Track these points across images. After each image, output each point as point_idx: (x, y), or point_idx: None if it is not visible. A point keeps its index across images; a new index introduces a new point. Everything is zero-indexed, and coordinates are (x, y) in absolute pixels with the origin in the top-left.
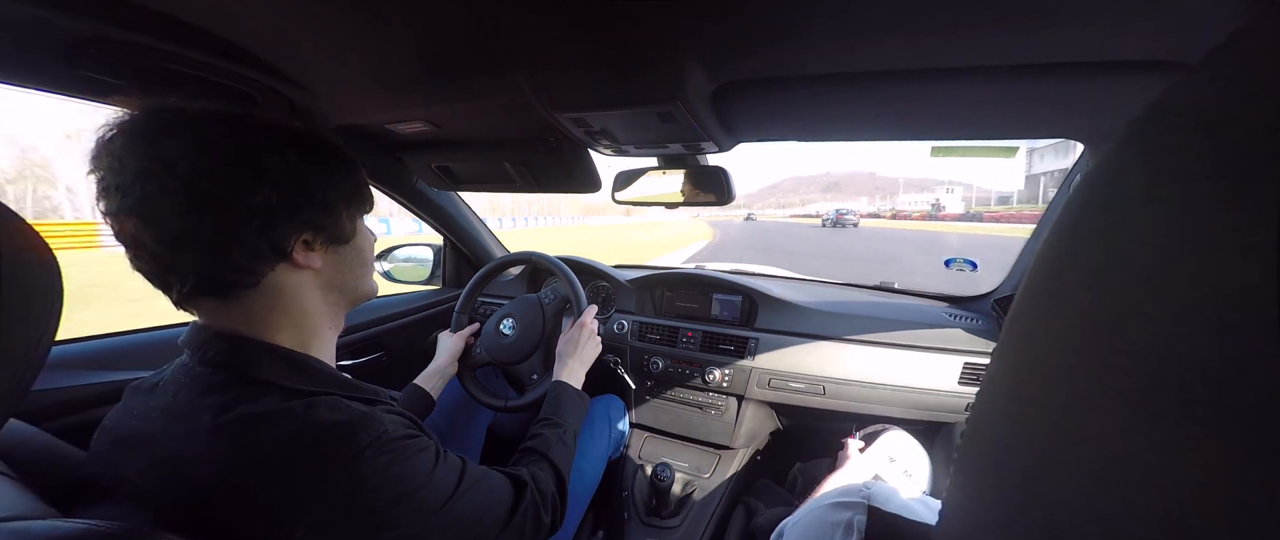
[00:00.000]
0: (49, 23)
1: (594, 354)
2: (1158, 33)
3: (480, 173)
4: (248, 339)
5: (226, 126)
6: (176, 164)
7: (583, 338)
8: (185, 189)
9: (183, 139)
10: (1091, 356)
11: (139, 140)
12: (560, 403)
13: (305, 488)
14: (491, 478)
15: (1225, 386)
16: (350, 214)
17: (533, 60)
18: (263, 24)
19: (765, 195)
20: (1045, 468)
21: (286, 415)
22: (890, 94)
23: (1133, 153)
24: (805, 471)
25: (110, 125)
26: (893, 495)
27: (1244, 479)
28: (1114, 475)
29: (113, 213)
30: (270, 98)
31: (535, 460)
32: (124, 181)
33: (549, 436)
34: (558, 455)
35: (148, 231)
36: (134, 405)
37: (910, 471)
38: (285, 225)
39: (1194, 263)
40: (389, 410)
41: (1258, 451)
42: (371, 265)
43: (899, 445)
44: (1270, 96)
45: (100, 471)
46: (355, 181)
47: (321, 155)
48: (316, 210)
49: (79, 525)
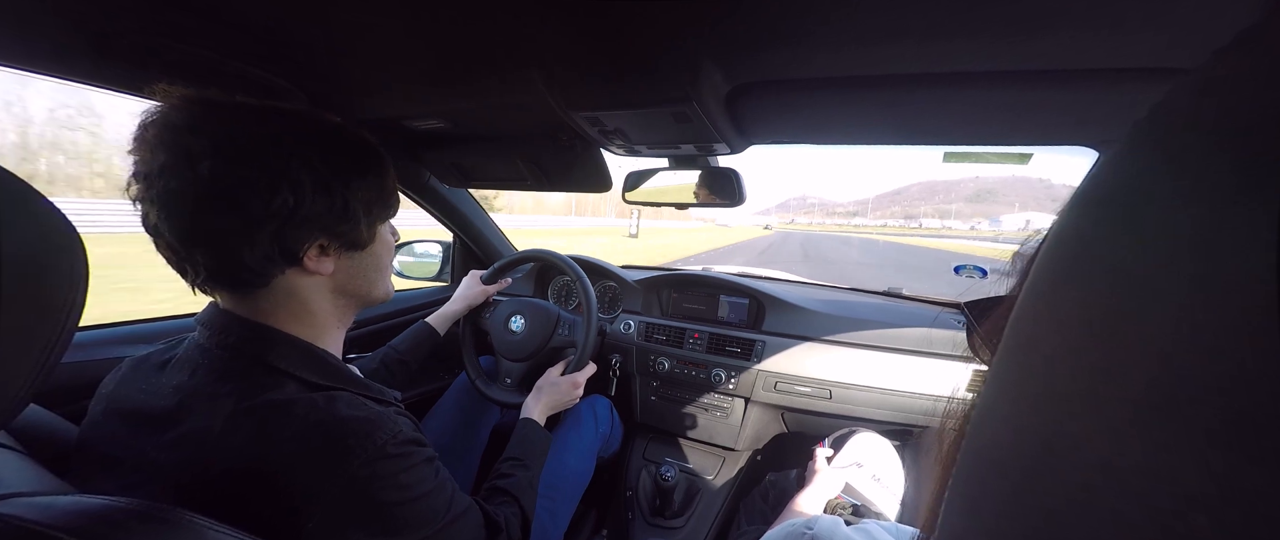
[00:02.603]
0: (78, 16)
1: (567, 405)
2: (1172, 39)
3: (492, 170)
4: (265, 327)
5: (253, 125)
6: (199, 162)
7: (567, 385)
8: (204, 188)
9: (208, 137)
10: (1094, 359)
11: (169, 132)
12: (530, 443)
13: (324, 479)
14: (471, 512)
15: (1229, 389)
16: (370, 220)
17: (549, 59)
18: (289, 20)
19: (884, 203)
20: (1048, 475)
21: (310, 406)
22: (904, 98)
23: (1136, 154)
24: (776, 483)
25: (151, 111)
26: (835, 531)
27: (1249, 481)
28: (1115, 481)
29: (140, 199)
30: (291, 92)
31: (507, 502)
32: (151, 171)
33: (520, 480)
34: (528, 502)
35: (166, 223)
36: (141, 379)
37: (880, 476)
38: (300, 231)
39: (1197, 264)
40: (399, 413)
41: (1262, 455)
42: (388, 270)
43: (867, 449)
44: (1275, 97)
45: (101, 442)
46: (381, 185)
47: (351, 158)
48: (335, 217)
49: (101, 502)
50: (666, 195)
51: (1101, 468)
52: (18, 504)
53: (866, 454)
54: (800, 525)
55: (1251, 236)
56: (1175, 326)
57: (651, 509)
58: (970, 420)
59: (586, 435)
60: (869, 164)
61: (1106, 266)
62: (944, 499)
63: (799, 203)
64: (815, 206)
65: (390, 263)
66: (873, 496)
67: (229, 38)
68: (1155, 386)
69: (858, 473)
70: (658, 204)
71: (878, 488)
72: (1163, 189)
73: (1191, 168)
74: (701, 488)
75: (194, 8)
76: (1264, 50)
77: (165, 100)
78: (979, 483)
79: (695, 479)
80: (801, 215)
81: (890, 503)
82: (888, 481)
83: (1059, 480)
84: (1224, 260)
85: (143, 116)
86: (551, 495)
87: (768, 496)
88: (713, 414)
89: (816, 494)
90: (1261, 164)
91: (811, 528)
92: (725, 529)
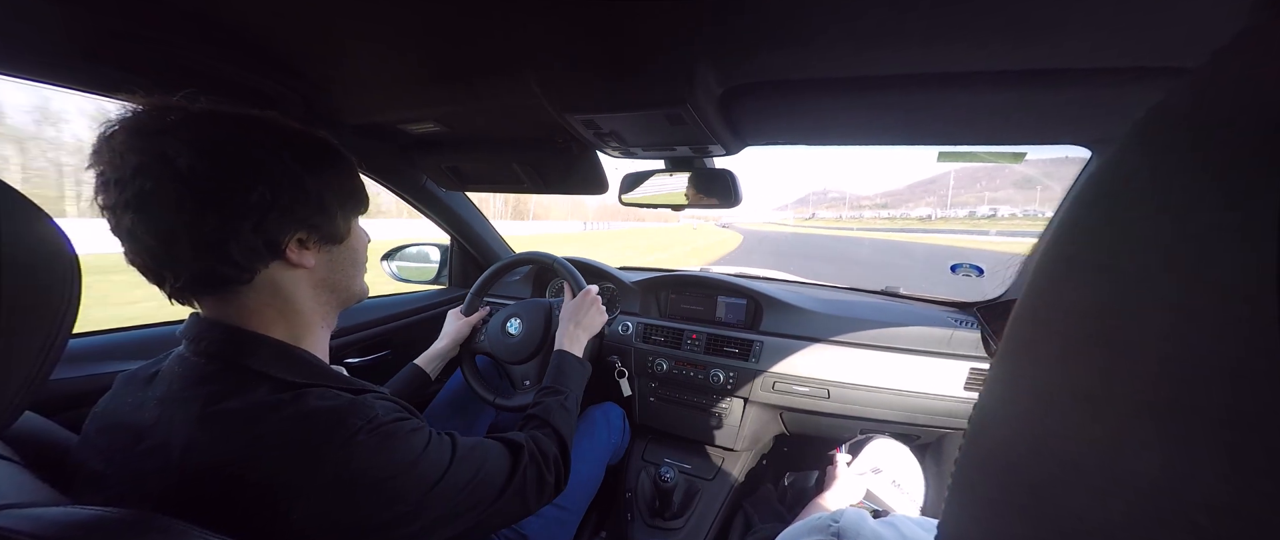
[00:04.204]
0: (72, 19)
1: (598, 322)
2: (1169, 39)
3: (489, 173)
4: (241, 330)
5: (226, 125)
6: (175, 160)
7: (585, 304)
8: (183, 185)
9: (183, 136)
10: (1093, 359)
11: (140, 137)
12: (562, 370)
13: (297, 474)
14: (486, 445)
15: (1228, 387)
16: (345, 214)
17: (544, 62)
18: (281, 24)
19: (917, 194)
20: (1047, 474)
21: (277, 405)
22: (899, 99)
23: (1135, 154)
24: (795, 483)
25: (113, 122)
26: (862, 524)
27: (1248, 480)
28: (1114, 481)
29: (110, 207)
30: (285, 97)
31: (536, 425)
32: (123, 176)
33: (550, 404)
34: (559, 420)
35: (144, 226)
36: (129, 395)
37: (898, 481)
38: (280, 223)
39: (1195, 263)
40: (379, 398)
41: (1261, 452)
42: (364, 266)
43: (885, 454)
44: (1271, 97)
45: (91, 458)
46: (351, 182)
47: (318, 155)
48: (312, 209)
49: (91, 512)
50: (662, 197)
51: (1100, 467)
52: (10, 515)
53: (885, 459)
54: (826, 519)
55: (1250, 237)
56: (1172, 327)
57: (651, 510)
58: (971, 419)
59: (599, 444)
60: (899, 150)
61: (1103, 267)
62: (945, 497)
63: (819, 197)
64: (838, 200)
65: (366, 259)
66: (893, 502)
67: (222, 43)
68: (1154, 386)
69: (877, 478)
70: (654, 206)
71: (897, 493)
72: (1160, 190)
73: (1189, 169)
74: (701, 489)
75: (187, 13)
76: (1261, 51)
77: (134, 104)
78: (980, 481)
79: (694, 480)
80: (824, 209)
81: (910, 509)
82: (907, 487)
83: (1058, 480)
84: (1222, 261)
85: (103, 127)
86: (562, 504)
87: (785, 496)
88: (711, 415)
89: (837, 498)
90: (1259, 164)
91: (837, 521)
92: (725, 530)
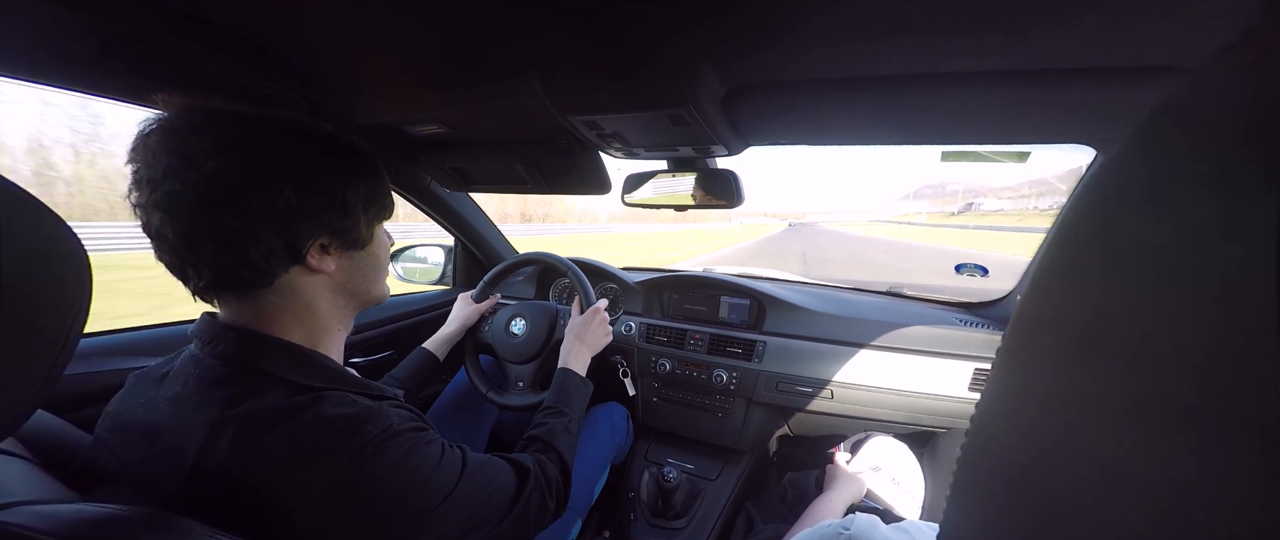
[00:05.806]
0: (82, 24)
1: (602, 341)
2: (1172, 38)
3: (492, 174)
4: (257, 333)
5: (255, 128)
6: (203, 163)
7: (594, 321)
8: (209, 187)
9: (212, 139)
10: (1094, 358)
11: (172, 137)
12: (565, 391)
13: (311, 480)
14: (496, 464)
15: (1229, 389)
16: (368, 220)
17: (547, 63)
18: (288, 28)
19: (1068, 181)
20: (1047, 474)
21: (293, 410)
22: (902, 98)
23: (1137, 155)
24: (794, 482)
25: (150, 120)
26: (874, 530)
27: (1248, 479)
28: (1114, 480)
29: (141, 205)
30: (291, 99)
31: (541, 448)
32: (154, 176)
33: (555, 426)
34: (563, 445)
35: (170, 225)
36: (140, 394)
37: (898, 479)
38: (303, 228)
39: (1197, 265)
40: (395, 405)
41: (1261, 452)
42: (385, 270)
43: (884, 452)
44: (1271, 97)
45: (103, 457)
46: (377, 187)
47: (345, 159)
48: (335, 215)
49: (104, 510)
50: (665, 198)
51: (1100, 467)
52: (22, 512)
53: (884, 457)
54: (836, 526)
55: (1253, 238)
56: (1174, 326)
57: (653, 510)
58: (972, 418)
59: (603, 444)
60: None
61: (1105, 267)
62: (946, 496)
63: (935, 190)
64: (957, 192)
65: (387, 263)
66: (892, 500)
67: (228, 46)
68: (1154, 386)
69: (876, 476)
70: (657, 206)
71: (897, 491)
72: (1163, 190)
73: (1192, 169)
74: (703, 489)
75: (195, 17)
76: (1265, 51)
77: (167, 108)
78: (980, 480)
79: (697, 480)
80: (938, 203)
81: (910, 506)
82: (907, 485)
83: (1058, 479)
84: (1224, 262)
85: (142, 125)
86: (568, 505)
87: (785, 497)
88: (714, 415)
89: (839, 497)
90: (1263, 165)
91: (848, 528)
92: (727, 530)
